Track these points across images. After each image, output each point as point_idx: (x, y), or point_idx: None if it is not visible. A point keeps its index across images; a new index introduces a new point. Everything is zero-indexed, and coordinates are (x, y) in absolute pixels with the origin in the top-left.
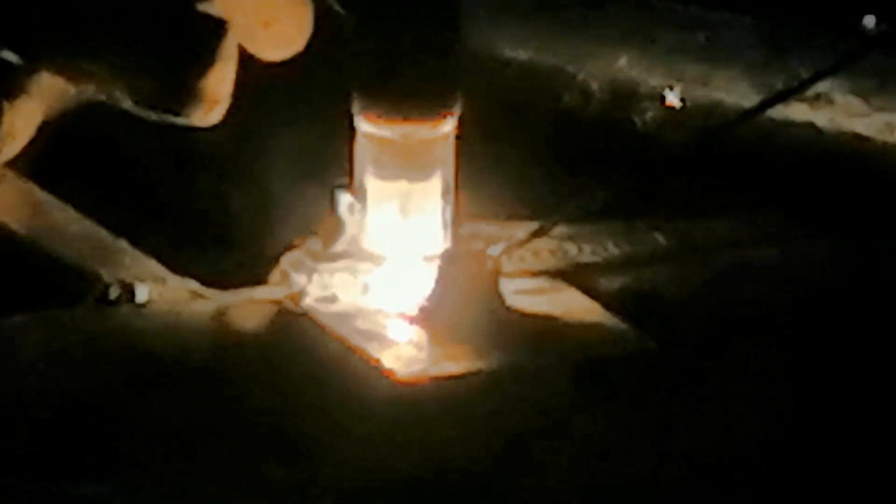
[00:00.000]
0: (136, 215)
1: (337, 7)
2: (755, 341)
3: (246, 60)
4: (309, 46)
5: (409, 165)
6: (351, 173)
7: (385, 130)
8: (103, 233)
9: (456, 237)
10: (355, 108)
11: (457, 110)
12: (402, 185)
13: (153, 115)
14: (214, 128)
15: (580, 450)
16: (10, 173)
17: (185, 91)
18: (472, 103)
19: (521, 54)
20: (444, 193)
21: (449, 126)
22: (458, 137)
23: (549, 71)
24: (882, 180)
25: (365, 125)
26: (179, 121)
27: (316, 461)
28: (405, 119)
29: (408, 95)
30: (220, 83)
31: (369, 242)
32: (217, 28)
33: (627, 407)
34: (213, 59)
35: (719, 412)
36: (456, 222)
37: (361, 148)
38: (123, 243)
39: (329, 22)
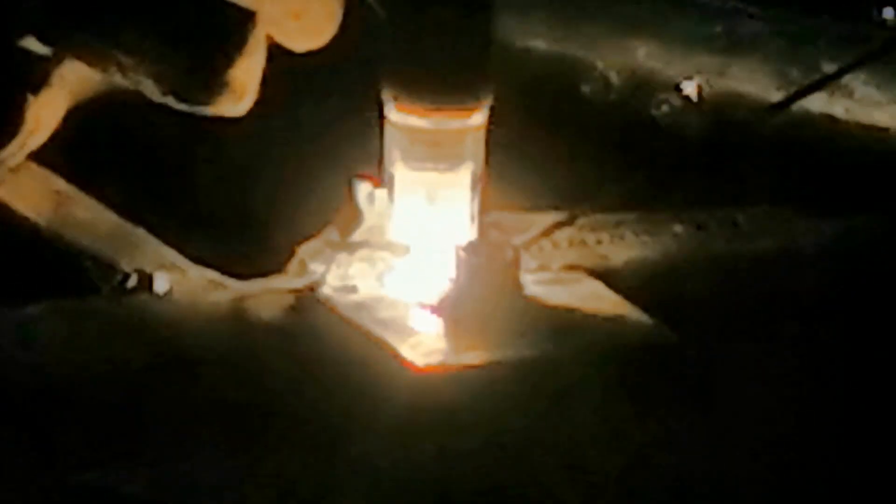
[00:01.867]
0: (156, 205)
1: None
2: (775, 333)
3: (273, 50)
4: (337, 37)
5: (438, 155)
6: (380, 162)
7: (415, 120)
8: (123, 222)
9: (478, 227)
10: (385, 97)
11: (488, 101)
12: (431, 175)
13: (181, 105)
14: (240, 118)
15: (600, 441)
16: (30, 163)
17: (213, 81)
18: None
19: (540, 44)
20: (473, 185)
21: (480, 117)
22: (489, 129)
23: (567, 61)
24: None
25: (395, 114)
26: (207, 111)
27: (334, 450)
28: (436, 109)
29: (439, 85)
30: (248, 73)
31: (395, 232)
32: (246, 18)
33: (647, 397)
34: (242, 49)
35: (739, 403)
36: (480, 213)
37: (391, 137)
38: (143, 233)
39: (359, 12)
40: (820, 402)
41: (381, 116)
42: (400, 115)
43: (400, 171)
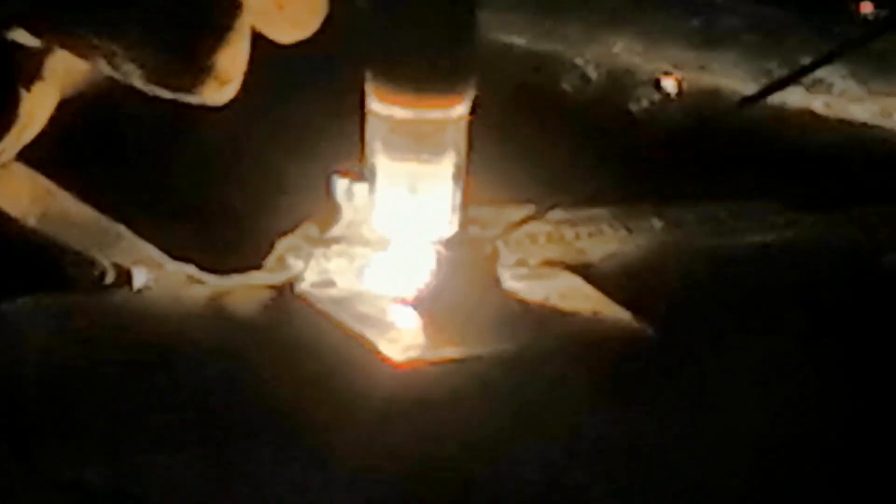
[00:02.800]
0: (133, 200)
1: None
2: (752, 326)
3: (257, 41)
4: (321, 29)
5: (420, 146)
6: (362, 153)
7: (397, 110)
8: (100, 217)
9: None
10: (367, 87)
11: (470, 93)
12: (413, 165)
13: (165, 93)
14: (220, 108)
15: (577, 434)
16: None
17: (197, 68)
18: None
19: (520, 40)
20: (455, 176)
21: (462, 109)
22: (472, 121)
23: (547, 57)
24: (879, 165)
25: (377, 104)
26: (191, 99)
27: (312, 444)
28: (418, 99)
29: (422, 76)
30: (232, 62)
31: (377, 223)
32: (231, 6)
33: (624, 391)
34: (226, 36)
35: (715, 397)
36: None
37: (373, 128)
38: (121, 228)
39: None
40: (798, 396)
41: (363, 107)
42: (382, 105)
43: (382, 162)
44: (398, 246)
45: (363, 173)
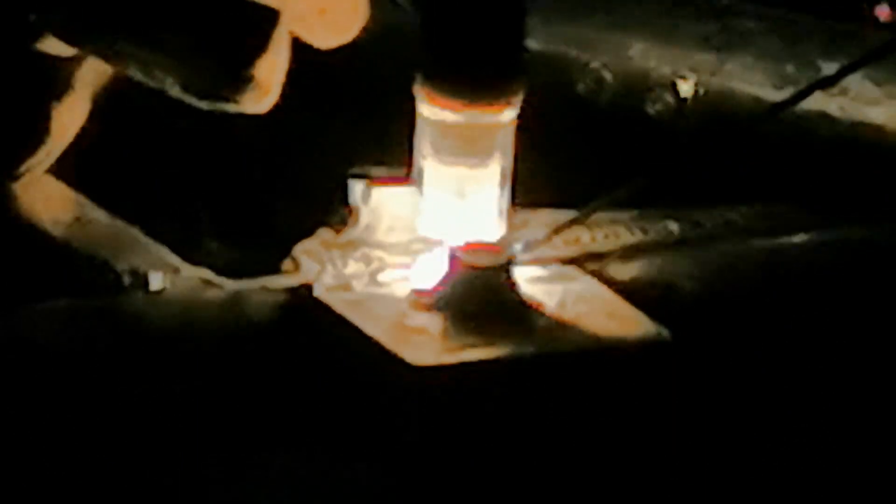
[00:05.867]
0: (149, 203)
1: None
2: (770, 331)
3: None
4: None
5: (469, 151)
6: (410, 157)
7: (447, 114)
8: (116, 221)
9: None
10: (417, 91)
11: (519, 98)
12: (461, 169)
13: (203, 102)
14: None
15: (594, 439)
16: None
17: (236, 78)
18: None
19: (534, 43)
20: (502, 180)
21: (511, 113)
22: (519, 128)
23: (561, 60)
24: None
25: (427, 108)
26: (229, 108)
27: (328, 448)
28: (468, 104)
29: (472, 80)
30: (271, 70)
31: (424, 227)
32: (269, 15)
33: (642, 394)
34: (265, 46)
35: (733, 401)
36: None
37: (422, 131)
38: (136, 231)
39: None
40: (816, 401)
41: (413, 111)
42: (432, 110)
43: (430, 166)
44: (441, 250)
45: (380, 177)
